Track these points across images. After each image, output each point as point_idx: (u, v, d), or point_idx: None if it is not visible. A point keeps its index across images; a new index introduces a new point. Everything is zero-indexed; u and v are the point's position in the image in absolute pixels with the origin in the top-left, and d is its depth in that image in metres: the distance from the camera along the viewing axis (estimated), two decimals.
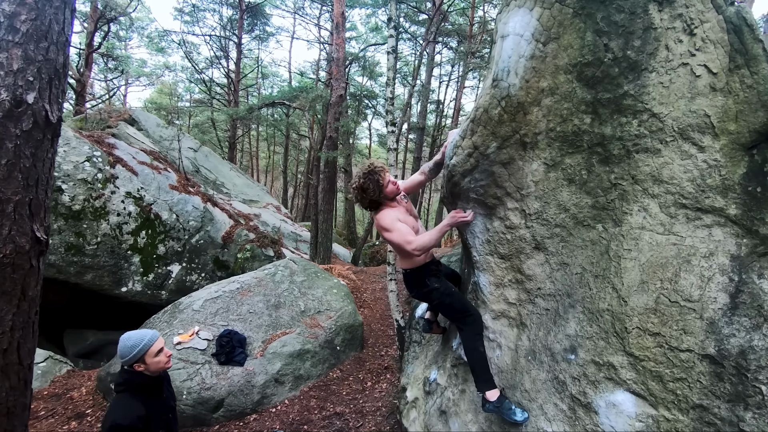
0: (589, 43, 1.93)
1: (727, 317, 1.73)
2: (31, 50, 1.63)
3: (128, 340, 2.23)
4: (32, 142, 1.62)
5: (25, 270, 1.70)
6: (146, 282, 8.02)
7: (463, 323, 2.51)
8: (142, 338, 2.24)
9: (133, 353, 2.20)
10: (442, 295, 2.60)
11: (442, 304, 2.64)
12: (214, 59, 18.77)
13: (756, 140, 1.70)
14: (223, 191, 11.03)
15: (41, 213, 1.71)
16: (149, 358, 2.23)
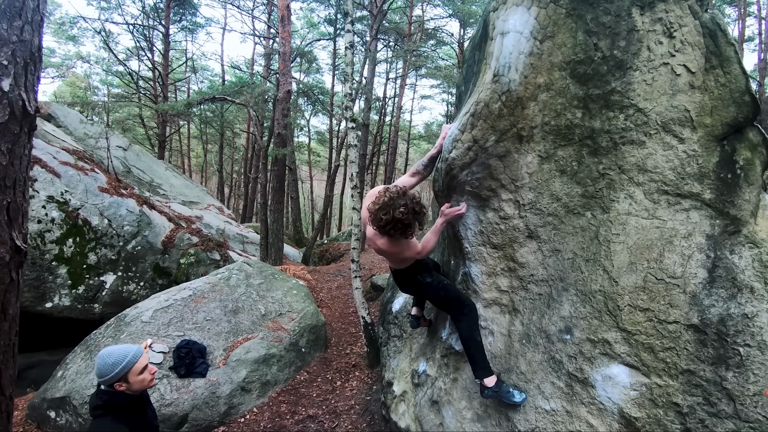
0: (581, 42, 2.06)
1: (706, 290, 1.95)
2: (3, 29, 1.36)
3: (108, 357, 1.99)
4: (9, 137, 1.36)
5: (5, 284, 1.43)
6: (75, 295, 7.21)
7: (460, 314, 2.55)
8: (125, 355, 2.00)
9: (115, 372, 1.97)
10: (436, 289, 2.64)
11: (437, 297, 2.68)
12: (139, 50, 17.27)
13: (727, 132, 1.93)
14: (160, 193, 10.22)
15: (19, 218, 1.44)
16: (133, 377, 1.98)
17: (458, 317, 2.58)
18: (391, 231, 2.23)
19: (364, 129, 14.68)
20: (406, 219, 2.19)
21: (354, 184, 5.65)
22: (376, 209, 2.24)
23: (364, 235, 9.93)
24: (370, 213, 2.31)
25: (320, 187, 30.49)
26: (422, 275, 2.63)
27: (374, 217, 2.26)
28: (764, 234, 1.95)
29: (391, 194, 2.22)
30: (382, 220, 2.20)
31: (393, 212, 2.17)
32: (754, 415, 1.77)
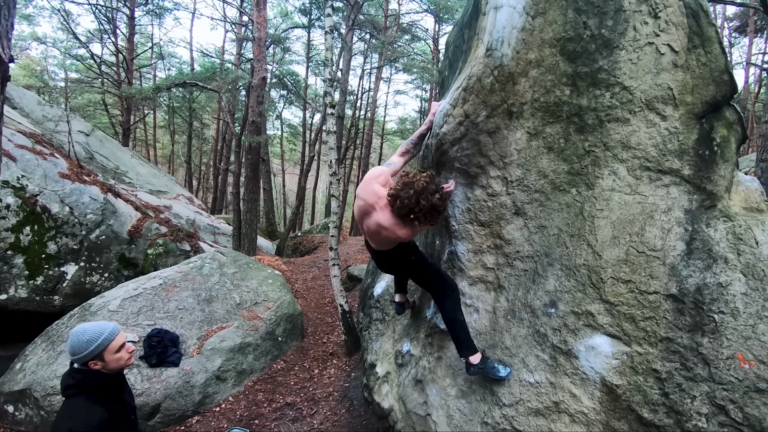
0: (571, 19, 2.11)
1: (684, 261, 2.04)
2: None
3: (83, 334, 1.87)
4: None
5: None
6: (33, 287, 6.80)
7: (443, 295, 2.55)
8: (101, 332, 1.88)
9: (90, 349, 1.85)
10: (422, 266, 2.63)
11: (424, 274, 2.66)
12: (101, 33, 16.42)
13: (706, 110, 2.02)
14: (126, 181, 9.78)
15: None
16: (109, 355, 1.88)
17: (442, 298, 2.58)
18: (420, 216, 2.15)
19: (339, 121, 14.57)
20: (441, 206, 2.17)
21: (333, 171, 5.58)
22: (412, 194, 2.11)
23: (340, 225, 9.88)
24: (396, 196, 2.18)
25: (292, 181, 30.04)
26: (408, 255, 2.60)
27: (408, 200, 2.12)
28: (737, 208, 2.06)
29: (426, 179, 2.14)
30: (419, 204, 2.10)
31: (432, 198, 2.11)
32: (727, 377, 1.87)
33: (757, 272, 1.92)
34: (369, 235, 2.53)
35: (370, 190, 2.39)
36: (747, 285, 1.92)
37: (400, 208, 2.17)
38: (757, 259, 1.94)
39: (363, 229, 2.56)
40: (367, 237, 2.60)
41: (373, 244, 2.60)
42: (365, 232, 2.55)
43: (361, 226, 2.58)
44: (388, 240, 2.43)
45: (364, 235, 2.66)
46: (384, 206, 2.31)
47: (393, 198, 2.21)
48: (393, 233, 2.32)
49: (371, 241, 2.60)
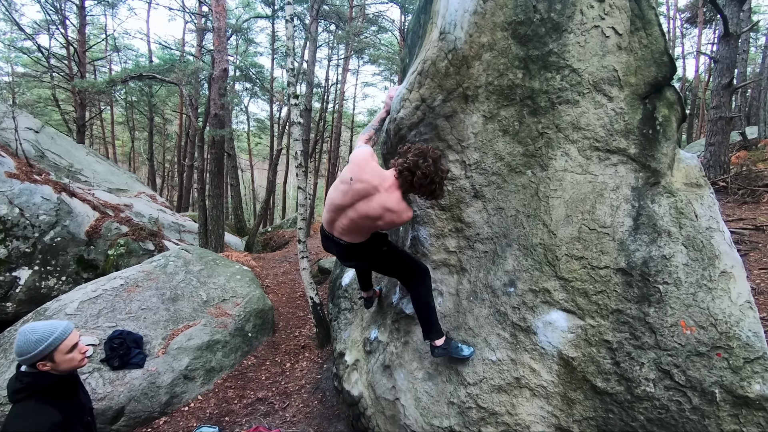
0: (521, 3, 2.14)
1: (632, 236, 2.13)
2: None
3: (32, 333, 1.77)
4: None
5: None
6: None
7: (416, 280, 2.53)
8: (51, 331, 1.78)
9: (39, 349, 1.76)
10: (392, 256, 2.57)
11: (394, 265, 2.61)
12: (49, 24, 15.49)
13: (648, 91, 2.11)
14: (81, 179, 9.31)
15: None
16: (60, 356, 1.79)
17: (416, 284, 2.54)
18: (428, 190, 2.13)
19: (307, 114, 14.35)
20: (437, 174, 2.12)
21: (299, 162, 5.51)
22: (431, 162, 2.07)
23: (309, 220, 9.87)
24: (412, 169, 2.09)
25: (262, 177, 29.47)
26: (379, 246, 2.53)
27: (427, 170, 2.07)
28: (679, 184, 2.16)
29: (430, 149, 2.13)
30: (438, 172, 2.09)
31: (443, 174, 2.10)
32: (671, 343, 1.98)
33: (696, 244, 2.04)
34: (357, 221, 2.28)
35: (372, 170, 2.22)
36: (688, 256, 2.04)
37: (421, 181, 2.09)
38: (696, 231, 2.05)
39: (347, 218, 2.30)
40: (351, 226, 2.32)
41: (349, 235, 2.38)
42: (352, 221, 2.29)
43: (340, 215, 2.33)
44: (386, 224, 2.25)
45: (332, 229, 2.42)
46: (390, 187, 2.18)
47: (409, 172, 2.10)
48: (399, 217, 2.20)
49: (349, 232, 2.37)
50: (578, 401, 2.17)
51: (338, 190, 2.31)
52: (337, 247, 2.51)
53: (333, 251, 2.62)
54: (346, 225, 2.33)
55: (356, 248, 2.47)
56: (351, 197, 2.25)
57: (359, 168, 2.24)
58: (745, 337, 1.87)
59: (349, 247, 2.46)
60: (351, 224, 2.31)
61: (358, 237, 2.40)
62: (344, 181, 2.28)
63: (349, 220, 2.30)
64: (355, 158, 2.29)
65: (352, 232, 2.36)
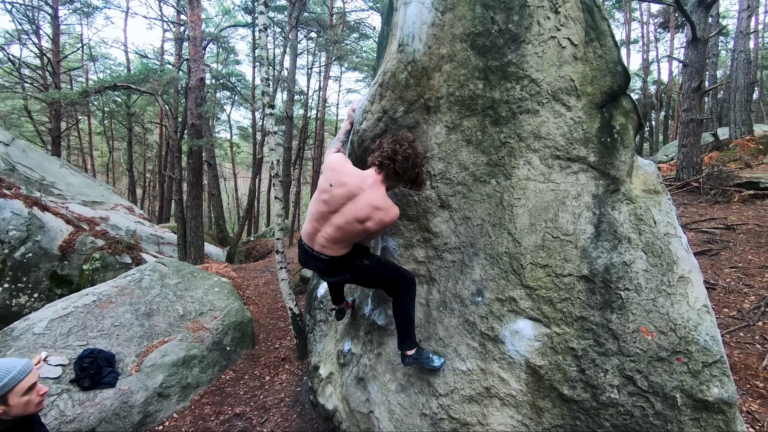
0: (479, 15, 2.16)
1: (594, 243, 2.16)
2: None
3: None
4: None
5: None
6: None
7: (402, 291, 2.46)
8: (7, 371, 1.62)
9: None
10: (376, 270, 2.48)
11: (377, 278, 2.54)
12: (21, 33, 15.16)
13: (605, 100, 2.14)
14: (55, 193, 9.08)
15: None
16: (14, 398, 1.63)
17: (400, 295, 2.47)
18: (412, 175, 2.12)
19: (288, 121, 14.31)
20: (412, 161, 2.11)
21: (275, 172, 5.46)
22: (407, 146, 2.08)
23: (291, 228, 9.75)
24: (391, 157, 2.07)
25: (246, 185, 29.15)
26: (361, 258, 2.44)
27: (407, 155, 2.07)
28: (637, 191, 2.20)
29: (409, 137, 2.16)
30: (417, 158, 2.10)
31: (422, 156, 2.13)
32: (633, 349, 1.99)
33: (655, 249, 2.06)
34: (345, 227, 2.17)
35: (351, 171, 2.16)
36: (647, 262, 2.06)
37: (404, 165, 2.07)
38: (655, 237, 2.08)
39: (333, 226, 2.20)
40: (337, 234, 2.21)
41: (332, 247, 2.27)
42: (338, 227, 2.18)
43: (324, 223, 2.23)
44: (376, 224, 2.14)
45: (312, 242, 2.32)
46: (373, 184, 2.12)
47: (390, 160, 2.08)
48: (387, 214, 2.13)
49: (333, 242, 2.26)
50: (546, 409, 2.18)
51: (319, 201, 2.24)
52: (318, 262, 2.40)
53: (312, 266, 2.50)
54: (331, 234, 2.23)
55: (338, 261, 2.36)
56: (335, 203, 2.17)
57: (336, 172, 2.18)
58: (703, 341, 1.90)
59: (331, 261, 2.35)
60: (337, 232, 2.20)
61: (342, 248, 2.30)
62: (324, 190, 2.20)
63: (335, 227, 2.20)
64: (329, 163, 2.24)
65: (337, 242, 2.25)
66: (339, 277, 2.55)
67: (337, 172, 2.18)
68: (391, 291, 2.55)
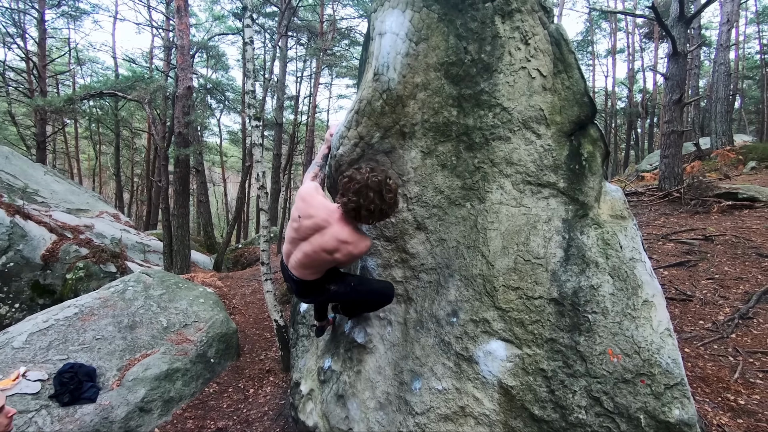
0: (453, 45, 2.23)
1: (563, 267, 2.22)
2: None
3: None
4: None
5: None
6: None
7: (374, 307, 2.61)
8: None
9: None
10: (345, 294, 2.51)
11: (349, 300, 2.62)
12: (5, 36, 14.98)
13: (573, 129, 2.22)
14: (38, 200, 8.97)
15: None
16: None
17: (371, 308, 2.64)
18: (379, 220, 2.11)
19: (278, 128, 14.32)
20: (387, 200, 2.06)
21: (261, 184, 5.47)
22: (372, 196, 2.00)
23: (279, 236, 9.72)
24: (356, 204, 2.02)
25: (236, 189, 28.99)
26: (329, 284, 2.44)
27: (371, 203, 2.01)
28: (605, 216, 2.27)
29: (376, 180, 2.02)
30: (384, 205, 2.03)
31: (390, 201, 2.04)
32: (600, 371, 2.06)
33: (621, 274, 2.14)
34: (312, 255, 2.22)
35: (319, 204, 2.19)
36: (614, 286, 2.13)
37: (369, 217, 2.05)
38: (621, 262, 2.15)
39: (301, 252, 2.26)
40: (305, 261, 2.27)
41: (301, 270, 2.32)
42: (306, 255, 2.24)
43: (295, 247, 2.29)
44: (345, 255, 2.18)
45: (288, 263, 2.38)
46: (340, 219, 2.14)
47: (354, 212, 2.05)
48: (356, 247, 2.15)
49: (302, 267, 2.30)
50: (518, 429, 2.23)
51: (291, 228, 2.29)
52: (292, 282, 2.47)
53: (290, 284, 2.55)
54: (300, 259, 2.28)
55: (309, 285, 2.41)
56: (303, 233, 2.22)
57: (305, 203, 2.22)
58: (665, 364, 1.97)
59: (302, 284, 2.40)
60: (305, 258, 2.25)
61: (312, 274, 2.33)
62: (294, 219, 2.26)
63: (303, 254, 2.24)
64: (301, 193, 2.28)
65: (305, 267, 2.29)
66: (309, 299, 2.69)
67: (306, 204, 2.22)
68: (370, 309, 2.68)
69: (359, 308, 2.77)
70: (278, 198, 15.22)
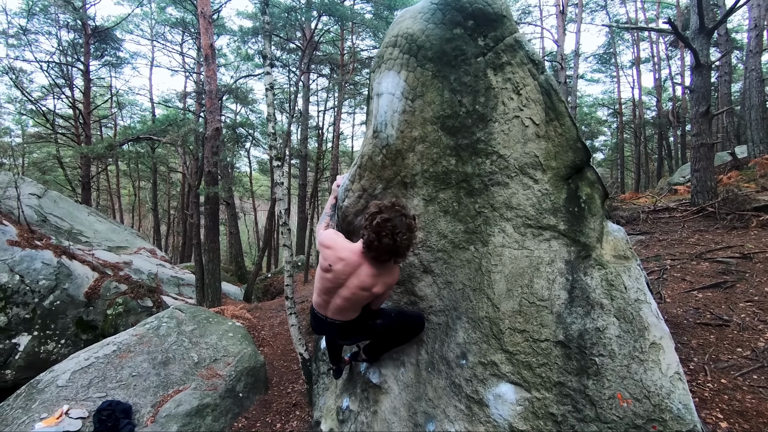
0: (447, 99, 2.35)
1: (568, 309, 2.24)
2: None
3: None
4: None
5: None
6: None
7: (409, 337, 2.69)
8: None
9: None
10: (391, 324, 2.60)
11: (392, 332, 2.66)
12: (54, 87, 16.35)
13: (570, 173, 2.27)
14: (82, 240, 9.60)
15: None
16: None
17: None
18: (402, 253, 2.14)
19: (303, 159, 14.79)
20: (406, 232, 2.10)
21: (283, 221, 5.70)
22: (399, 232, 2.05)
23: (306, 263, 9.94)
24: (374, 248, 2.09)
25: (266, 218, 29.84)
26: (371, 318, 2.53)
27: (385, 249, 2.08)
28: (608, 256, 2.28)
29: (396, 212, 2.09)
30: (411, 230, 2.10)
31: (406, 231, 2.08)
32: (610, 416, 2.04)
33: (627, 315, 2.13)
34: (352, 298, 2.31)
35: (344, 246, 2.26)
36: (620, 328, 2.13)
37: (389, 252, 2.09)
38: (626, 303, 2.15)
39: (341, 298, 2.33)
40: (346, 305, 2.35)
41: (342, 314, 2.40)
42: (346, 299, 2.32)
43: (332, 296, 2.36)
44: (383, 287, 2.27)
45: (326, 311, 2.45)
46: (365, 256, 2.21)
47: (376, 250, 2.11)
48: (391, 277, 2.25)
49: (343, 310, 2.39)
50: None
51: (324, 279, 2.34)
52: (332, 328, 2.53)
53: (327, 332, 2.63)
54: (341, 305, 2.36)
55: (352, 325, 2.50)
56: (338, 279, 2.28)
57: (332, 250, 2.30)
58: (677, 410, 1.94)
59: (344, 326, 2.48)
60: (346, 303, 2.34)
61: (352, 313, 2.42)
62: (325, 269, 2.31)
63: (343, 299, 2.32)
64: (323, 242, 2.36)
65: (347, 309, 2.38)
66: (352, 340, 2.73)
67: (332, 250, 2.30)
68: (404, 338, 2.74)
69: (397, 339, 2.74)
70: (305, 226, 15.58)
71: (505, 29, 2.29)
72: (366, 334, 2.64)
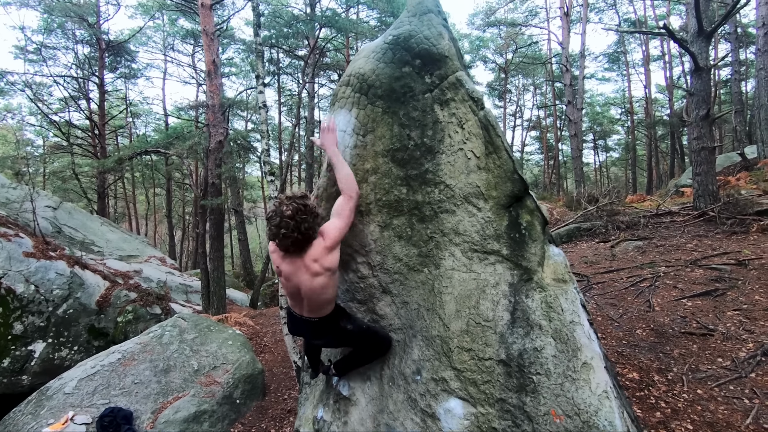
0: (397, 133, 2.52)
1: (510, 329, 2.38)
2: None
3: None
4: None
5: None
6: (0, 369, 6.99)
7: (374, 354, 2.84)
8: None
9: None
10: (358, 335, 2.74)
11: (361, 342, 2.80)
12: (70, 100, 17.03)
13: (510, 202, 2.41)
14: (95, 250, 10.04)
15: None
16: None
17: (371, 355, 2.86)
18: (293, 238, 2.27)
19: (308, 167, 15.06)
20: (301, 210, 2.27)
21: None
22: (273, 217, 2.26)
23: None
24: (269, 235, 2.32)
25: None
26: (344, 321, 2.64)
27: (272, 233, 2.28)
28: (548, 279, 2.42)
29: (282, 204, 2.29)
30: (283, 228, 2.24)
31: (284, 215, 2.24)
32: (545, 431, 2.18)
33: (563, 336, 2.27)
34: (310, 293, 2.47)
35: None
36: (556, 348, 2.26)
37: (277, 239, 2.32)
38: (563, 325, 2.29)
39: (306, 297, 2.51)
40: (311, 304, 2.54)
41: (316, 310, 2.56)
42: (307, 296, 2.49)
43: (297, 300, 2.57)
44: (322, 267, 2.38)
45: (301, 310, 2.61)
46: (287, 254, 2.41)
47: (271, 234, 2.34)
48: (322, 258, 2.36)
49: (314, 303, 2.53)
50: None
51: (284, 288, 2.62)
52: (307, 325, 2.66)
53: (301, 331, 2.77)
54: (309, 297, 2.51)
55: (324, 324, 2.61)
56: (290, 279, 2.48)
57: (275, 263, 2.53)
58: (602, 426, 2.07)
59: (317, 324, 2.60)
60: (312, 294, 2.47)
61: (326, 306, 2.55)
62: (281, 282, 2.60)
63: (306, 297, 2.50)
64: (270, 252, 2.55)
65: (316, 303, 2.52)
66: (323, 340, 2.86)
67: (275, 262, 2.53)
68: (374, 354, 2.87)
69: (365, 355, 2.89)
70: None
71: (448, 68, 2.46)
72: (337, 336, 2.74)
